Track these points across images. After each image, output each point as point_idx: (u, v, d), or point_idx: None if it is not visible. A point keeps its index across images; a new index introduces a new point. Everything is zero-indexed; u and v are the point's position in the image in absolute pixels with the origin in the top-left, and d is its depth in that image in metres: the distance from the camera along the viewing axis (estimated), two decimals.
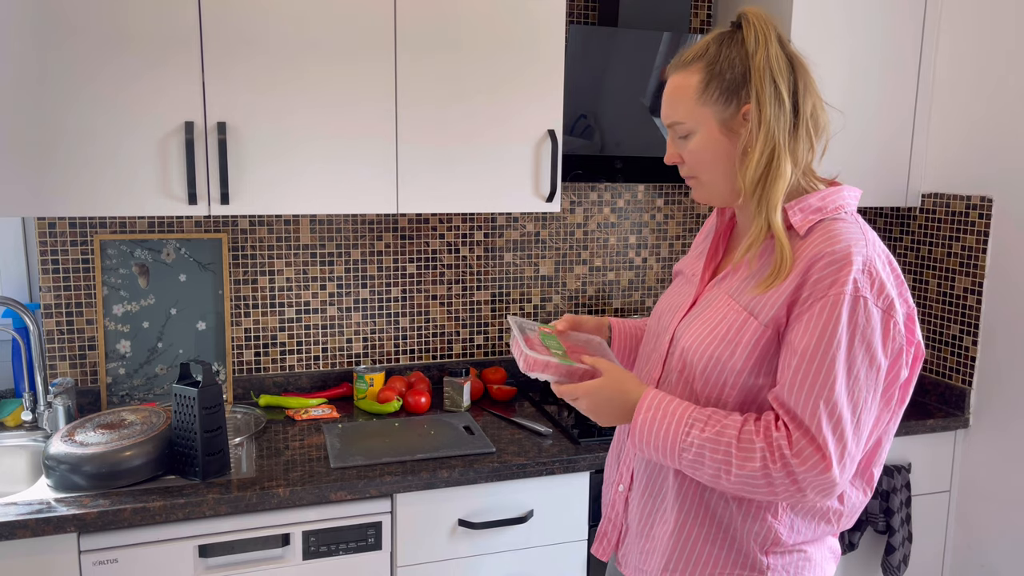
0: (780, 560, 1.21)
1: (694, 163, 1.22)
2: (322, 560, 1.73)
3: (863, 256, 1.10)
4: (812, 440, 1.08)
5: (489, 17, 1.91)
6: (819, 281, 1.09)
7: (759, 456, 1.09)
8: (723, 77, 1.16)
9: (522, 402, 2.26)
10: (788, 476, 1.08)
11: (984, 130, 2.16)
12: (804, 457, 1.07)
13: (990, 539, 2.22)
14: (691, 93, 1.19)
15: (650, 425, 1.16)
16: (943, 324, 2.31)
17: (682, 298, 1.32)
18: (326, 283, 2.25)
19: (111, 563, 1.59)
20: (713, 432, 1.12)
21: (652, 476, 1.29)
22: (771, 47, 1.15)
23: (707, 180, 1.23)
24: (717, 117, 1.18)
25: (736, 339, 1.16)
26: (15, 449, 1.90)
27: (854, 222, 1.16)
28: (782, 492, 1.10)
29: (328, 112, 1.83)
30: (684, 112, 1.20)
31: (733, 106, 1.17)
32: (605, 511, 1.42)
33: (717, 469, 1.12)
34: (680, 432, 1.14)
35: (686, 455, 1.14)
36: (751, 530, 1.20)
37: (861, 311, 1.08)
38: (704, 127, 1.19)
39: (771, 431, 1.10)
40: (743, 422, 1.12)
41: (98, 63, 1.68)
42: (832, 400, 1.08)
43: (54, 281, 2.03)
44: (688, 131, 1.20)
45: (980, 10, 2.16)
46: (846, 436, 1.08)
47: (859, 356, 1.09)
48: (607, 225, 2.48)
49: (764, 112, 1.14)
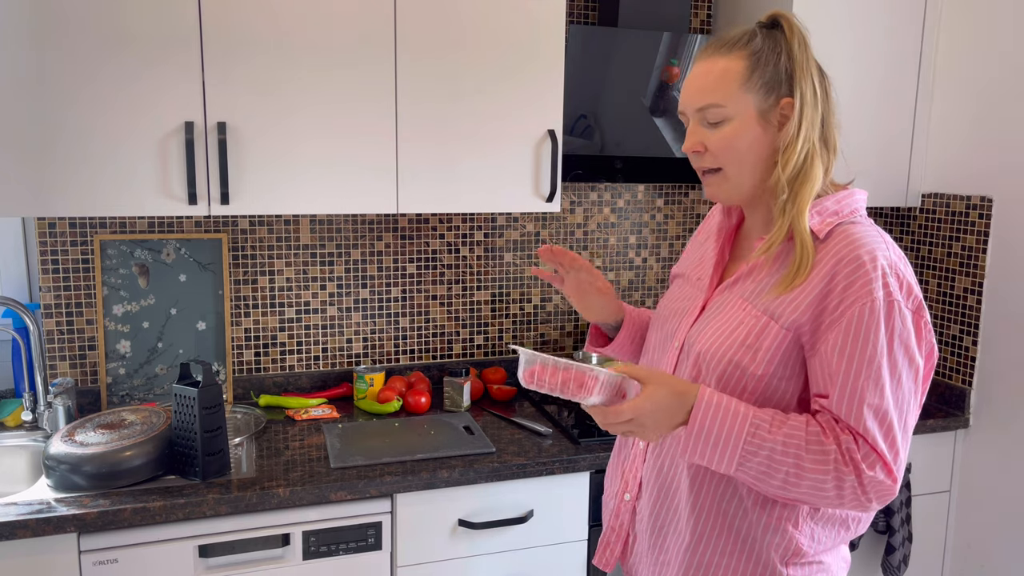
0: (800, 571, 1.19)
1: (723, 151, 1.17)
2: (322, 560, 1.73)
3: (887, 260, 1.11)
4: (873, 449, 1.07)
5: (489, 17, 1.91)
6: (848, 287, 1.09)
7: (832, 460, 1.06)
8: (767, 68, 1.15)
9: (522, 402, 2.26)
10: (858, 480, 1.07)
11: (984, 130, 2.16)
12: (871, 462, 1.07)
13: (990, 539, 2.22)
14: (735, 77, 1.15)
15: (710, 424, 1.08)
16: (943, 324, 2.31)
17: (689, 303, 1.29)
18: (326, 283, 2.25)
19: (111, 563, 1.59)
20: (782, 434, 1.07)
21: (664, 486, 1.25)
22: (811, 50, 1.17)
23: (733, 172, 1.18)
24: (757, 106, 1.15)
25: (757, 344, 1.14)
26: (15, 449, 1.90)
27: (870, 225, 1.17)
28: (849, 496, 1.08)
29: (328, 112, 1.83)
30: (724, 95, 1.15)
31: (773, 98, 1.15)
32: (608, 520, 1.38)
33: (786, 475, 1.07)
34: (744, 433, 1.08)
35: (752, 459, 1.08)
36: (771, 542, 1.17)
37: (897, 315, 1.08)
38: (743, 114, 1.15)
39: (839, 434, 1.08)
40: (807, 422, 1.09)
41: (98, 63, 1.68)
42: (883, 409, 1.07)
43: (54, 281, 2.03)
44: (724, 116, 1.16)
45: (980, 10, 2.16)
46: (898, 443, 1.08)
47: (900, 360, 1.09)
48: (607, 225, 2.48)
49: (806, 111, 1.14)
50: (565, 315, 2.48)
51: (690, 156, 1.22)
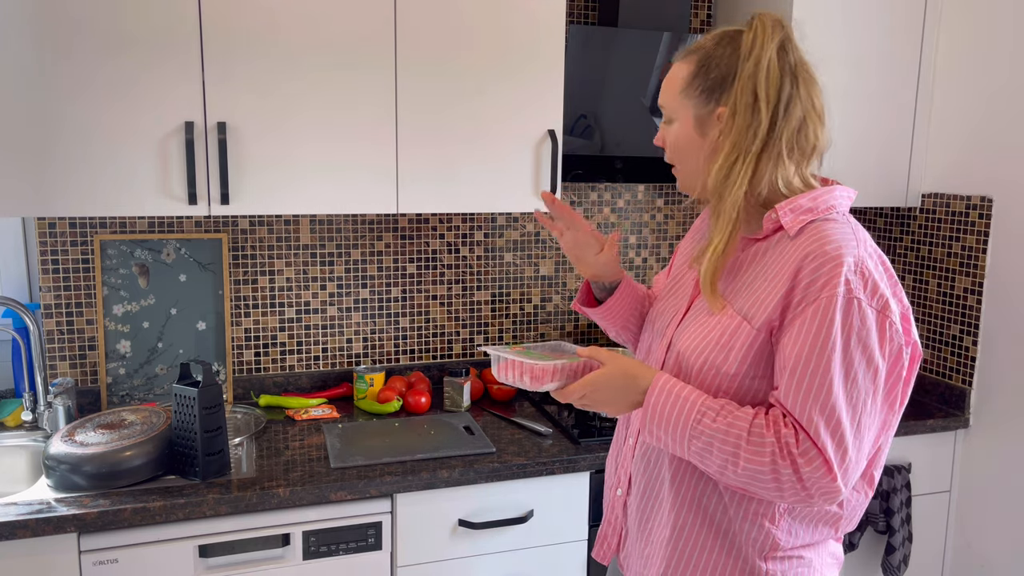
0: (779, 566, 1.20)
1: (670, 150, 1.27)
2: (322, 560, 1.73)
3: (854, 256, 1.09)
4: (814, 444, 1.07)
5: (489, 17, 1.91)
6: (810, 284, 1.09)
7: (768, 452, 1.07)
8: (708, 75, 1.18)
9: (522, 402, 2.26)
10: (795, 474, 1.07)
11: (984, 130, 2.16)
12: (809, 458, 1.06)
13: (990, 539, 2.22)
14: (677, 83, 1.22)
15: (662, 407, 1.14)
16: (943, 324, 2.31)
17: (678, 301, 1.32)
18: (326, 283, 2.25)
19: (111, 563, 1.59)
20: (724, 423, 1.10)
21: (649, 480, 1.28)
22: (765, 55, 1.13)
23: (683, 170, 1.27)
24: (694, 112, 1.20)
25: (730, 344, 1.15)
26: (15, 449, 1.90)
27: (845, 222, 1.15)
28: (788, 491, 1.08)
29: (328, 111, 1.83)
30: (668, 98, 1.24)
31: (711, 105, 1.18)
32: (605, 514, 1.41)
33: (724, 460, 1.10)
34: (692, 418, 1.12)
35: (695, 443, 1.12)
36: (749, 536, 1.19)
37: (855, 313, 1.07)
38: (683, 119, 1.22)
39: (781, 427, 1.09)
40: (754, 415, 1.11)
41: (98, 62, 1.68)
42: (829, 405, 1.07)
43: (54, 281, 2.03)
44: (669, 118, 1.25)
45: (980, 10, 2.16)
46: (846, 441, 1.07)
47: (856, 359, 1.07)
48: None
49: (736, 120, 1.15)
50: (565, 315, 2.48)
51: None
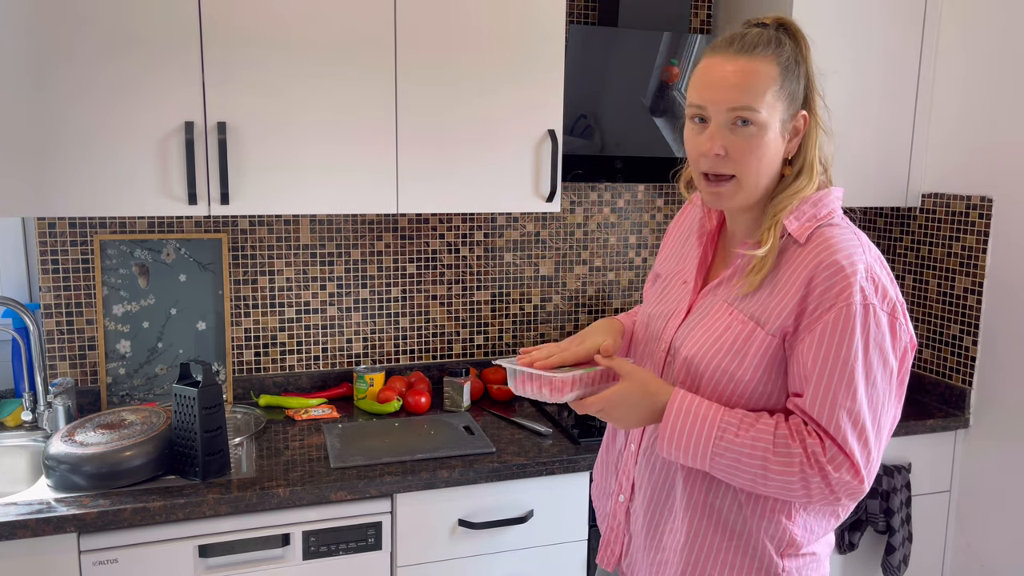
0: (794, 563, 1.21)
1: (744, 158, 1.12)
2: (322, 560, 1.72)
3: (864, 263, 1.11)
4: (841, 449, 1.09)
5: (489, 17, 1.91)
6: (825, 292, 1.10)
7: (797, 463, 1.10)
8: (792, 78, 1.14)
9: (522, 402, 2.26)
10: (824, 481, 1.10)
11: (984, 130, 2.16)
12: (838, 464, 1.09)
13: (990, 539, 2.22)
14: (771, 83, 1.11)
15: (681, 427, 1.14)
16: (943, 324, 2.31)
17: (675, 304, 1.30)
18: (326, 283, 2.25)
19: (111, 563, 1.59)
20: (749, 437, 1.12)
21: (657, 486, 1.27)
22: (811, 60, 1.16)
23: (749, 181, 1.14)
24: (781, 116, 1.13)
25: (744, 350, 1.15)
26: (15, 449, 1.90)
27: (847, 227, 1.17)
28: (817, 496, 1.12)
29: (328, 111, 1.83)
30: (760, 99, 1.10)
31: (793, 109, 1.15)
32: (606, 521, 1.40)
33: (754, 476, 1.12)
34: (713, 436, 1.13)
35: (720, 459, 1.13)
36: (766, 534, 1.20)
37: (872, 319, 1.10)
38: (772, 122, 1.12)
39: (805, 437, 1.11)
40: (775, 425, 1.12)
41: (98, 63, 1.68)
42: (855, 411, 1.09)
43: (54, 281, 2.03)
44: (756, 121, 1.10)
45: (979, 10, 2.16)
46: (870, 443, 1.11)
47: (874, 363, 1.10)
48: (607, 225, 2.48)
49: (811, 124, 1.16)
50: (565, 315, 2.48)
51: (700, 160, 1.15)
